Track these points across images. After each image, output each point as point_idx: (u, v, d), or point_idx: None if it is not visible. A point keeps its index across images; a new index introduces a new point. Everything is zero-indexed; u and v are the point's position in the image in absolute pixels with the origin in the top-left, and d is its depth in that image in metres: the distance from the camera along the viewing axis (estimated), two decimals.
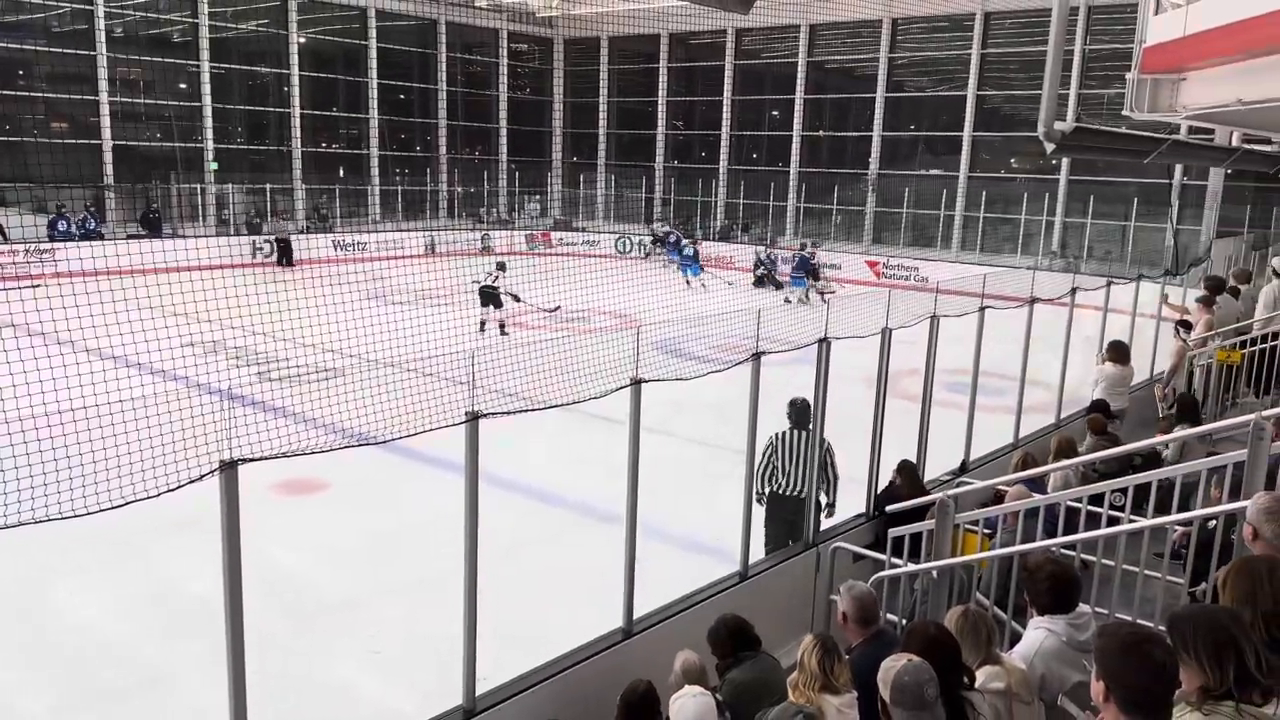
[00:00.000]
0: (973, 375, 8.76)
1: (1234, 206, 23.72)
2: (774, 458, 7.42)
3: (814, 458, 7.13)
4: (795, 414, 7.48)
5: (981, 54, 28.23)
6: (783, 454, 7.41)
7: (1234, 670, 2.47)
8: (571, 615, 6.17)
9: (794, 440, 7.41)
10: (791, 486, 7.38)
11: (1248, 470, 4.55)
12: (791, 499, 7.34)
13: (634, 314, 17.04)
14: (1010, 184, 28.57)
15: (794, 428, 7.45)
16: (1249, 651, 2.48)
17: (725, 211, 33.56)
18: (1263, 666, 2.48)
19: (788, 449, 7.41)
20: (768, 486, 7.45)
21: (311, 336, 9.75)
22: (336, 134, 32.70)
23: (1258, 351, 9.43)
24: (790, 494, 7.36)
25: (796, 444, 7.40)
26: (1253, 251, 16.66)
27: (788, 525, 7.33)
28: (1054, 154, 8.16)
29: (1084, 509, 5.45)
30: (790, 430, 7.45)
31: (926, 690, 2.94)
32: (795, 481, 7.38)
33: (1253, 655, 2.48)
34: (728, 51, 33.24)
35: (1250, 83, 7.26)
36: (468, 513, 4.65)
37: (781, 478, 7.41)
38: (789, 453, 7.40)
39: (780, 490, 7.40)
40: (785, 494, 7.38)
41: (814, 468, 7.13)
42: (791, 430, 7.44)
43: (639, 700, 4.25)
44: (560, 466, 10.10)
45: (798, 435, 7.40)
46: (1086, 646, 3.41)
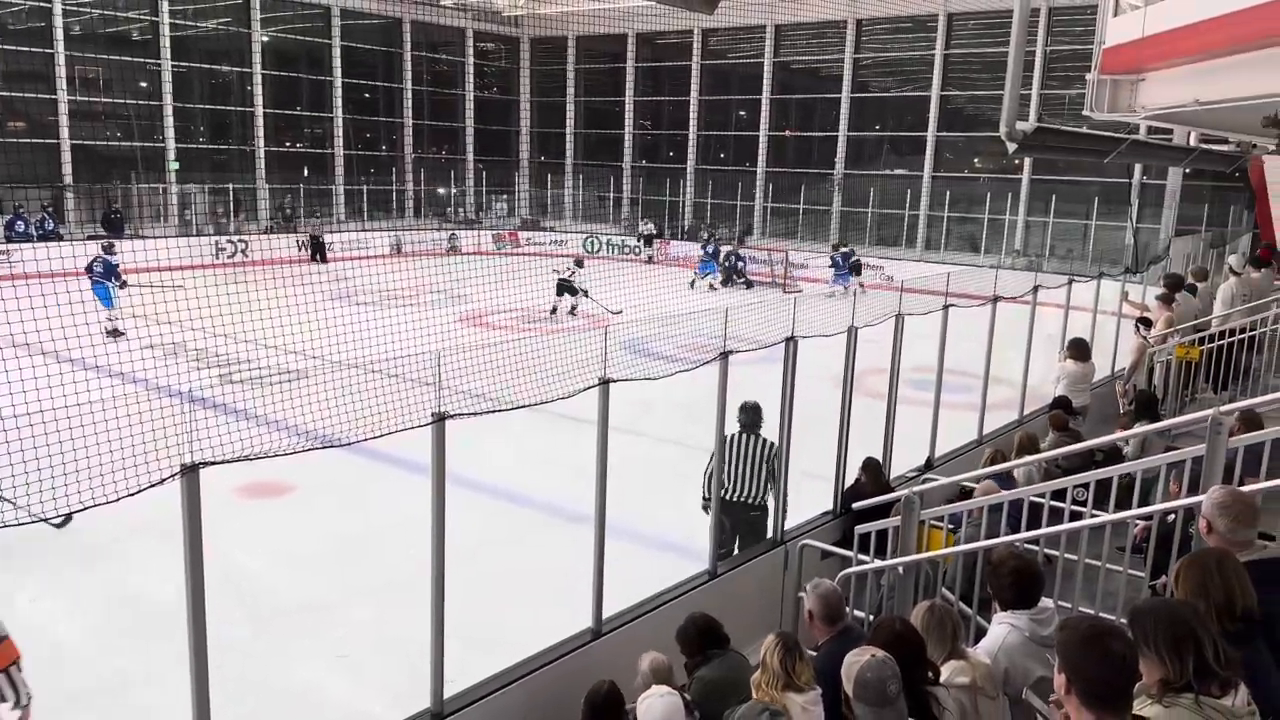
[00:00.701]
0: (937, 373, 8.84)
1: (1192, 205, 24.14)
2: (723, 461, 7.16)
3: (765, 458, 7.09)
4: (746, 417, 7.33)
5: (945, 55, 28.52)
6: (732, 458, 7.24)
7: (1193, 662, 2.51)
8: (540, 616, 6.15)
9: (744, 443, 7.26)
10: (742, 491, 7.23)
11: (1206, 465, 4.62)
12: (740, 504, 7.20)
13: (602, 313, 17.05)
14: (974, 184, 28.89)
15: (744, 431, 7.30)
16: (1208, 644, 2.52)
17: (693, 211, 33.64)
18: (1220, 659, 2.53)
19: (737, 452, 7.25)
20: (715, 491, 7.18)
21: (275, 338, 9.65)
22: (301, 133, 32.39)
23: (1216, 348, 9.59)
24: (739, 499, 7.21)
25: (747, 447, 7.25)
26: (1211, 249, 16.96)
27: (737, 530, 7.20)
28: (1016, 154, 8.26)
29: (1047, 504, 5.52)
30: (740, 433, 7.29)
31: (889, 686, 2.95)
32: (744, 486, 7.23)
33: (1211, 648, 2.52)
34: (694, 51, 33.32)
35: (1207, 83, 7.39)
36: (434, 515, 4.62)
37: (728, 482, 7.23)
38: (738, 456, 7.24)
39: (729, 495, 7.21)
40: (734, 499, 7.21)
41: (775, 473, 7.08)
42: (741, 433, 7.29)
43: (603, 701, 4.24)
44: (528, 467, 10.07)
45: (748, 438, 7.25)
46: (1049, 641, 3.44)
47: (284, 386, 6.80)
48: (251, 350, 12.18)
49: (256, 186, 30.01)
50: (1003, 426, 9.74)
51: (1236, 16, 6.45)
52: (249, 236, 27.29)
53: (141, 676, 6.21)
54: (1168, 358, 9.86)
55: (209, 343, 13.73)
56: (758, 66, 32.15)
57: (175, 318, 7.96)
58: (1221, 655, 2.53)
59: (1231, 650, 2.59)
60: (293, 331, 9.23)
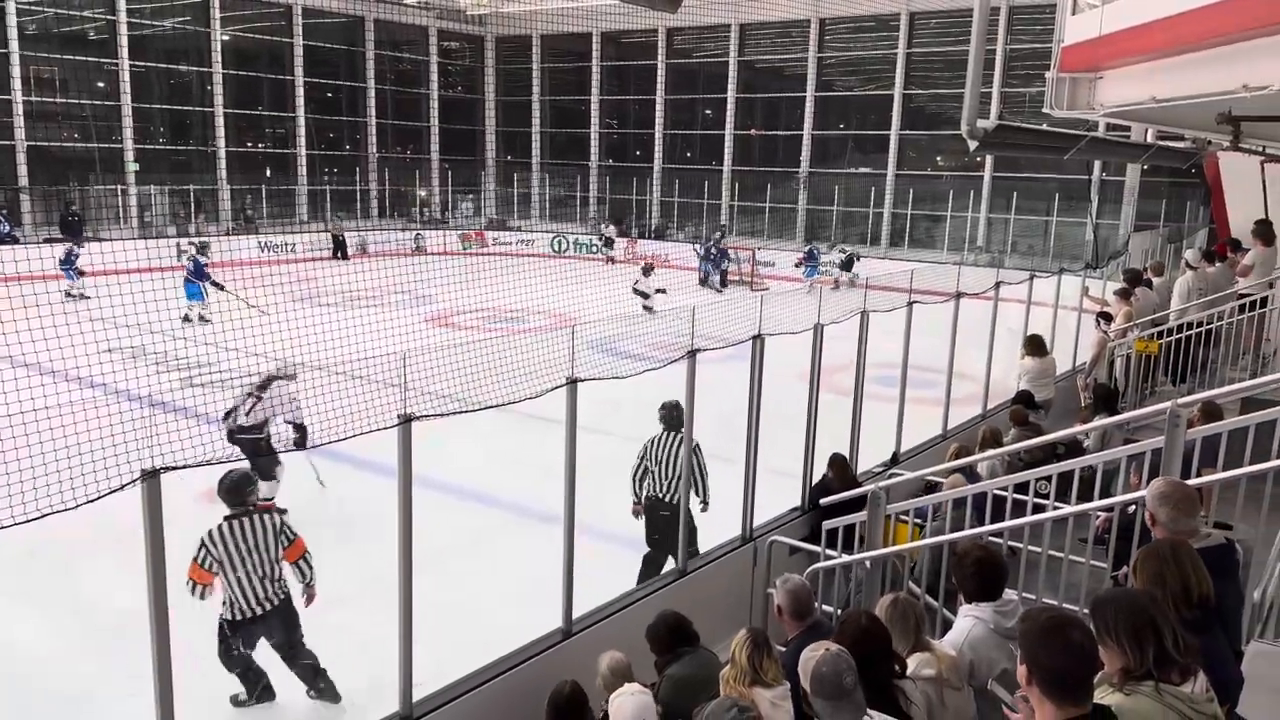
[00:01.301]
0: (902, 369, 8.91)
1: (1150, 201, 24.53)
2: (646, 461, 7.28)
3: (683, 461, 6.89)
4: (666, 416, 7.32)
5: (907, 54, 28.75)
6: (654, 458, 7.26)
7: (1153, 651, 2.55)
8: (510, 617, 6.13)
9: (666, 443, 7.25)
10: (665, 491, 7.24)
11: (1165, 456, 4.70)
12: (665, 503, 7.22)
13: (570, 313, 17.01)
14: (937, 181, 29.16)
15: (666, 430, 7.29)
16: (1167, 633, 2.57)
17: (660, 210, 33.68)
18: (1180, 646, 2.57)
19: (660, 453, 7.26)
20: (643, 491, 7.33)
21: (239, 340, 9.54)
22: (262, 133, 32.03)
23: (1174, 341, 9.75)
24: (663, 498, 7.24)
25: (669, 447, 7.23)
26: (1168, 244, 17.24)
27: (665, 530, 7.19)
28: (977, 151, 8.34)
29: (1010, 497, 5.59)
30: (662, 433, 7.29)
31: (844, 679, 2.97)
32: (668, 486, 7.23)
33: (1171, 636, 2.57)
34: (660, 50, 33.35)
35: (1163, 81, 7.50)
36: (401, 516, 4.59)
37: (653, 482, 7.28)
38: (660, 457, 7.25)
39: (654, 495, 7.28)
40: (659, 499, 7.26)
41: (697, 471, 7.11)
42: (664, 433, 7.29)
43: (566, 702, 4.24)
44: (497, 468, 10.02)
45: (670, 438, 7.24)
46: (1013, 634, 3.49)
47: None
48: (214, 353, 12.04)
49: (218, 187, 29.64)
50: (967, 421, 9.85)
51: (1190, 16, 6.55)
52: (210, 238, 26.92)
53: (106, 686, 6.11)
54: (1127, 351, 10.02)
55: (171, 345, 13.54)
56: (723, 66, 32.24)
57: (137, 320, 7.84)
58: (1181, 643, 2.58)
59: (1190, 638, 2.64)
60: (257, 333, 9.13)
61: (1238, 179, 13.78)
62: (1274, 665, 3.99)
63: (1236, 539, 3.88)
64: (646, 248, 30.67)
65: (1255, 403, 6.19)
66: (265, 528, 5.61)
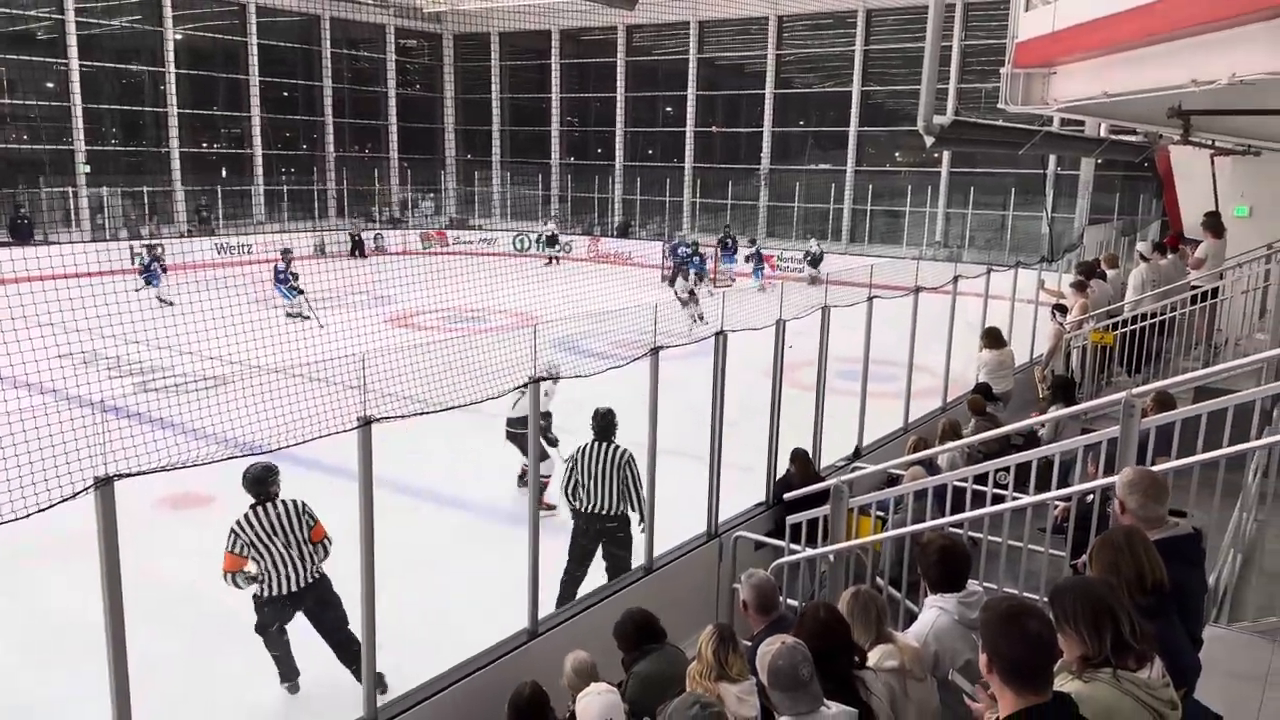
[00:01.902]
0: (863, 363, 8.98)
1: (1104, 194, 24.92)
2: (575, 473, 6.89)
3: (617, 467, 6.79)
4: (597, 425, 6.99)
5: (865, 50, 28.96)
6: (583, 469, 6.87)
7: (1110, 638, 2.59)
8: (475, 619, 6.10)
9: (596, 453, 6.87)
10: (593, 503, 6.87)
11: (1120, 446, 4.77)
12: (594, 516, 6.88)
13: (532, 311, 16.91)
14: (895, 177, 29.42)
15: (596, 440, 6.93)
16: (1124, 620, 2.61)
17: (623, 208, 33.67)
18: (1137, 634, 2.61)
19: (589, 463, 6.87)
20: (571, 504, 6.97)
21: (195, 344, 9.40)
22: (217, 133, 31.56)
23: (1129, 332, 9.91)
24: (592, 511, 6.88)
25: (599, 458, 6.86)
26: (1122, 237, 17.52)
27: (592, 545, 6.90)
28: (934, 147, 8.43)
29: (969, 488, 5.65)
30: (592, 443, 6.92)
31: (800, 670, 2.99)
32: (597, 499, 6.86)
33: (1128, 623, 2.61)
34: (619, 48, 33.32)
35: (1115, 76, 7.61)
36: (363, 520, 4.55)
37: (583, 494, 6.89)
38: (590, 467, 6.86)
39: (583, 508, 6.90)
40: (589, 511, 6.88)
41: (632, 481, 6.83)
42: (594, 443, 6.92)
43: (526, 704, 4.23)
44: (460, 468, 9.96)
45: (600, 448, 6.89)
46: (977, 624, 3.53)
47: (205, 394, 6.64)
48: (170, 357, 11.85)
49: (172, 189, 29.16)
50: (927, 414, 9.95)
51: (1140, 12, 6.65)
52: (165, 240, 26.48)
53: (63, 698, 6.00)
54: (1083, 343, 10.17)
55: (125, 350, 13.30)
56: (682, 63, 32.28)
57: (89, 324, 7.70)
58: (1137, 630, 2.62)
59: (1147, 625, 2.68)
60: (213, 336, 9.00)
61: (1189, 172, 14.03)
62: (1229, 649, 4.08)
63: (1198, 527, 3.94)
64: (609, 246, 30.68)
65: (1208, 391, 6.30)
66: (290, 512, 5.88)
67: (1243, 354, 8.53)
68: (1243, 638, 4.21)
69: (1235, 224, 11.35)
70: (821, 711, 3.00)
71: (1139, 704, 2.53)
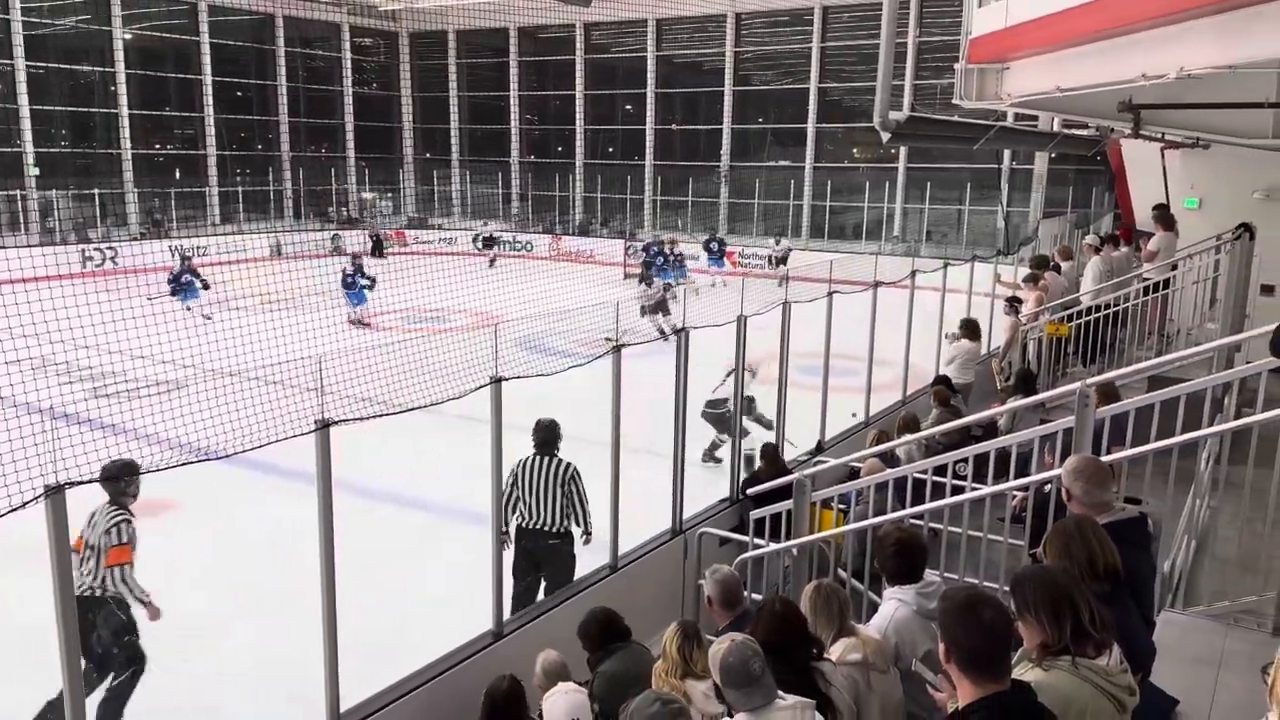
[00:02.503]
0: (824, 358, 9.04)
1: (1058, 188, 25.30)
2: (516, 488, 6.50)
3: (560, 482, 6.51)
4: (539, 437, 6.64)
5: (822, 47, 29.15)
6: (524, 484, 6.50)
7: (1070, 627, 2.62)
8: (439, 621, 6.06)
9: (537, 467, 6.53)
10: (534, 519, 6.52)
11: (1075, 435, 4.83)
12: (534, 532, 6.52)
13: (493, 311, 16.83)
14: (853, 173, 29.65)
15: (538, 453, 6.59)
16: (1084, 608, 2.64)
17: (584, 206, 33.60)
18: (1096, 622, 2.65)
19: (530, 477, 6.50)
20: (513, 520, 6.51)
21: (149, 348, 9.23)
22: (170, 134, 31.07)
23: (1083, 324, 10.05)
24: (535, 527, 6.52)
25: (540, 471, 6.53)
26: (1076, 230, 17.79)
27: (535, 564, 6.58)
28: (891, 143, 8.50)
29: (929, 480, 5.70)
30: (534, 456, 6.57)
31: (751, 665, 3.00)
32: (538, 514, 6.52)
33: (1087, 611, 2.64)
34: (578, 46, 33.25)
35: (1066, 70, 7.70)
36: (322, 524, 4.49)
37: (524, 509, 6.52)
38: (531, 482, 6.51)
39: (523, 523, 6.53)
40: (530, 527, 6.53)
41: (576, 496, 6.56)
42: (535, 456, 6.57)
43: (503, 697, 4.20)
44: (421, 470, 9.88)
45: (542, 462, 6.55)
46: (935, 614, 3.56)
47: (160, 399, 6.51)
48: (123, 362, 11.63)
49: (124, 191, 28.64)
50: (888, 407, 10.03)
51: (1091, 7, 6.74)
52: (118, 243, 26.02)
53: (14, 709, 5.87)
54: (1039, 335, 10.29)
55: (77, 356, 13.04)
56: (641, 61, 32.29)
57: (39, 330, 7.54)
58: (1097, 619, 2.65)
59: (1106, 614, 2.72)
60: (168, 340, 8.85)
61: (1140, 165, 14.26)
62: (1184, 633, 4.15)
63: (1147, 512, 4.01)
64: (571, 244, 30.59)
65: (1161, 380, 6.42)
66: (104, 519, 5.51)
67: (1194, 343, 8.69)
68: (1197, 622, 4.29)
69: (1185, 216, 11.56)
70: (776, 704, 3.00)
71: (1098, 691, 2.57)
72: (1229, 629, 4.18)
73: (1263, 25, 4.84)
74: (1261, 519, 4.51)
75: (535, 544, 6.51)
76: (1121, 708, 2.61)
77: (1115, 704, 2.59)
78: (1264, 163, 11.17)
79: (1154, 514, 4.41)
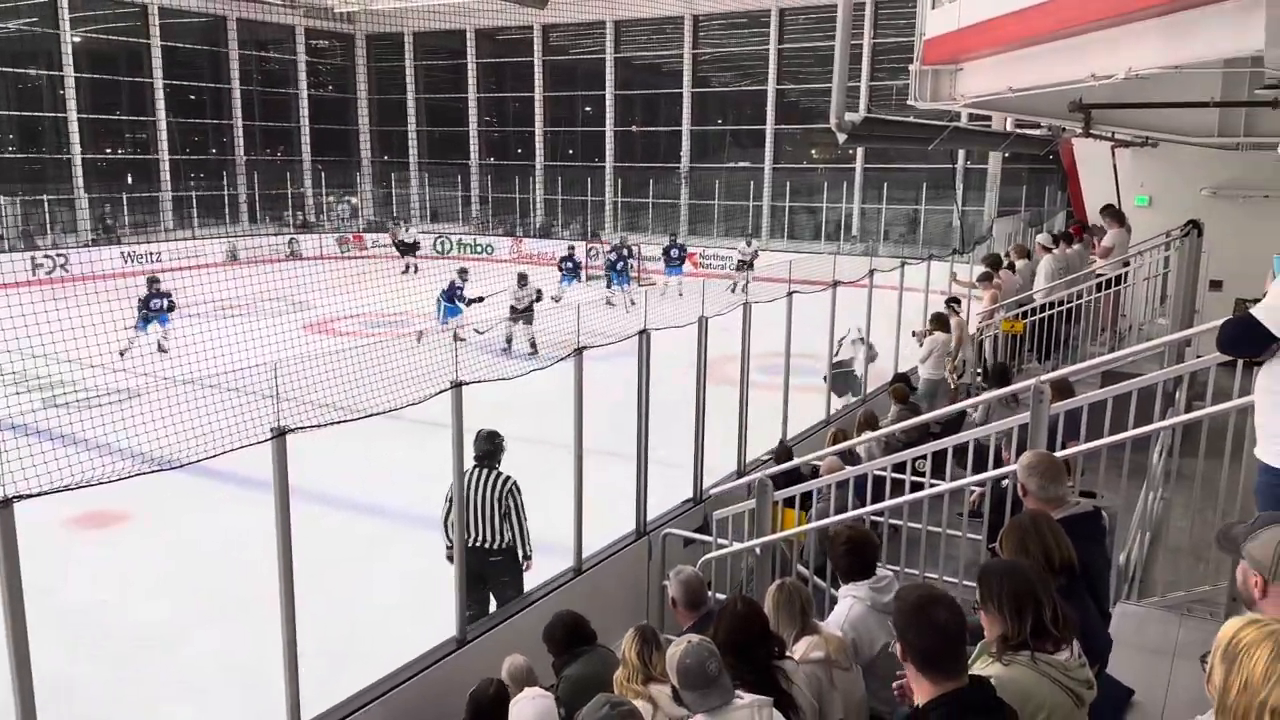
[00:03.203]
0: (785, 358, 9.09)
1: (1012, 187, 25.64)
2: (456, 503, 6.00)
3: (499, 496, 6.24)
4: (481, 449, 6.33)
5: (779, 49, 29.32)
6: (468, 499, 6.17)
7: (1031, 622, 2.65)
8: (402, 628, 6.01)
9: (478, 481, 6.26)
10: (476, 537, 6.24)
11: (1031, 430, 4.90)
12: (478, 550, 6.22)
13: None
14: (812, 174, 29.86)
15: (479, 466, 6.31)
16: (1047, 606, 2.67)
17: (544, 208, 33.50)
18: (1058, 621, 2.68)
19: (469, 493, 6.17)
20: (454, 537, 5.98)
21: (103, 356, 9.07)
22: (121, 138, 30.52)
23: (1038, 320, 10.19)
24: (476, 545, 6.22)
25: (480, 486, 6.25)
26: (1030, 228, 18.05)
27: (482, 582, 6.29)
28: (847, 144, 8.56)
29: (889, 476, 5.75)
30: (475, 469, 6.27)
31: (708, 666, 3.00)
32: (478, 531, 6.25)
33: (1050, 609, 2.67)
34: (536, 48, 33.14)
35: (1018, 71, 7.81)
36: (279, 533, 4.43)
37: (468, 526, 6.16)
38: (470, 497, 6.20)
39: (469, 542, 6.12)
40: (474, 546, 6.19)
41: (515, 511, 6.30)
42: (476, 469, 6.28)
43: (490, 701, 4.18)
44: (382, 476, 9.79)
45: (483, 475, 6.29)
46: (890, 608, 3.60)
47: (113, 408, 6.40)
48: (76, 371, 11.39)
49: (74, 197, 28.08)
50: (849, 405, 10.11)
51: (1041, 8, 6.85)
52: (68, 250, 25.50)
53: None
54: (995, 332, 10.42)
55: (27, 365, 12.75)
56: (600, 63, 32.25)
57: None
58: (1059, 619, 2.68)
59: (1070, 613, 2.75)
60: (121, 348, 8.70)
61: (1091, 164, 14.51)
62: (1139, 625, 4.22)
63: (1102, 506, 4.08)
64: (531, 246, 30.45)
65: (1114, 375, 6.52)
66: None
67: (1146, 338, 8.85)
68: (1152, 613, 4.36)
69: (1136, 213, 11.77)
70: (734, 703, 3.01)
71: (1057, 686, 2.60)
72: (1183, 619, 4.25)
73: (1205, 27, 4.94)
74: (1212, 509, 4.60)
75: (479, 562, 6.19)
76: (1080, 702, 2.65)
77: (1074, 698, 2.63)
78: (1210, 161, 11.41)
79: (1108, 507, 4.48)
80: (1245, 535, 2.25)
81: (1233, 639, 1.68)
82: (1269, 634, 1.63)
